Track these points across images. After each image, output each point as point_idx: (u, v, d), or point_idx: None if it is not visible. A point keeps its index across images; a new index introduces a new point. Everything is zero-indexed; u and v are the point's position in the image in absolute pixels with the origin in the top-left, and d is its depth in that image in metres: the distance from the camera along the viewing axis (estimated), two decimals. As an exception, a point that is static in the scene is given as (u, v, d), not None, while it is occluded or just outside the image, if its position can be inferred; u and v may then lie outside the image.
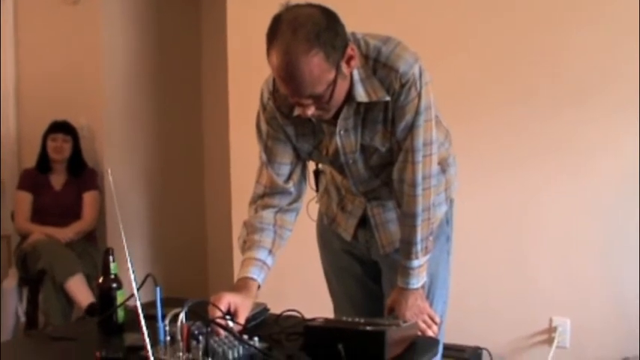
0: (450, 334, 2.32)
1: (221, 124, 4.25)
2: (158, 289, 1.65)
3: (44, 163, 4.54)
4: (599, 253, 3.18)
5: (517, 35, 3.27)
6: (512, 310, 3.31)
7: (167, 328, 1.66)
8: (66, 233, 4.34)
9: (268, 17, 1.76)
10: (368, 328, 1.70)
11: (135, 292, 1.60)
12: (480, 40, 3.34)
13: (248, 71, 2.71)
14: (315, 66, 1.69)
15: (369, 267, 2.27)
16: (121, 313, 1.99)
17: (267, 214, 2.03)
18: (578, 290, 3.20)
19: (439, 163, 2.10)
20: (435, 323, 2.06)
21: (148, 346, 1.51)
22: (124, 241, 1.62)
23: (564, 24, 3.17)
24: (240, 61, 3.93)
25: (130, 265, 1.60)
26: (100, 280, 2.00)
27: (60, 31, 4.82)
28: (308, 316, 1.99)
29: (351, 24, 1.84)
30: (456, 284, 2.32)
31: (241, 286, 1.90)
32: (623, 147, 3.09)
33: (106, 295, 2.00)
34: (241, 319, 1.79)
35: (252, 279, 1.91)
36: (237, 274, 1.97)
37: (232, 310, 1.79)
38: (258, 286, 1.93)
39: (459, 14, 3.38)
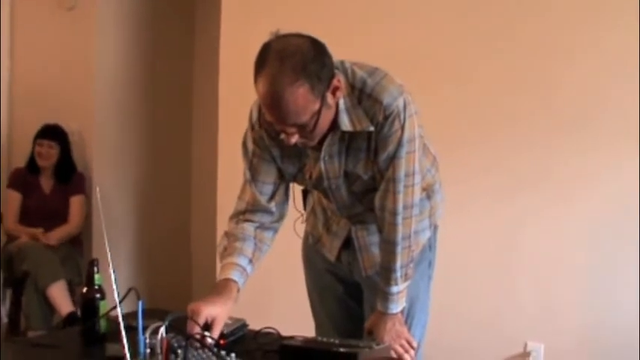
0: (428, 358, 2.34)
1: (211, 133, 4.27)
2: (140, 302, 1.69)
3: (33, 164, 4.57)
4: (578, 280, 3.22)
5: (508, 62, 3.29)
6: (489, 333, 3.34)
7: (147, 340, 1.69)
8: (51, 238, 4.37)
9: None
10: (341, 349, 1.75)
11: (118, 305, 1.64)
12: (470, 67, 3.37)
13: (239, 81, 2.73)
14: (300, 96, 1.73)
15: (351, 288, 2.30)
16: (103, 324, 2.02)
17: (248, 227, 2.06)
18: (555, 316, 3.24)
19: (425, 189, 2.14)
20: (413, 348, 2.09)
21: (128, 358, 1.55)
22: (109, 254, 1.66)
23: (556, 53, 3.20)
24: (232, 71, 3.94)
25: (113, 279, 1.64)
26: (84, 291, 2.03)
27: (55, 35, 4.86)
28: (289, 333, 2.03)
29: (341, 53, 1.89)
30: (436, 308, 2.36)
31: (222, 286, 1.93)
32: (608, 178, 3.12)
33: (89, 306, 2.02)
34: (215, 333, 1.83)
35: (233, 280, 1.94)
36: (217, 278, 1.99)
37: (209, 322, 1.83)
38: (238, 290, 1.95)
39: (450, 41, 3.40)
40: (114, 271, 1.64)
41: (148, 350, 1.69)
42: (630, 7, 3.02)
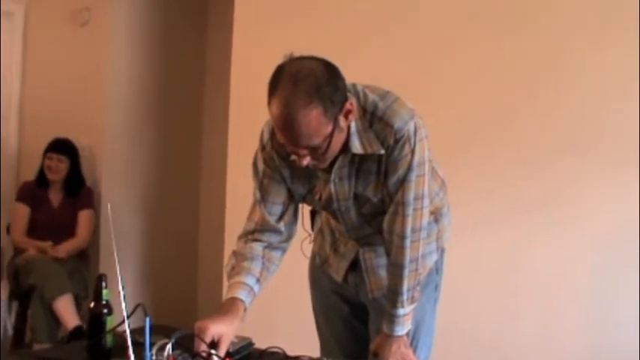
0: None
1: (220, 151, 4.29)
2: (147, 319, 1.69)
3: (43, 178, 4.59)
4: (581, 303, 3.21)
5: (513, 84, 3.29)
6: (493, 356, 3.32)
7: (154, 357, 1.70)
8: (61, 251, 4.38)
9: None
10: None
11: (126, 321, 1.65)
12: (476, 90, 3.37)
13: (250, 99, 2.76)
14: (313, 119, 1.74)
15: (357, 309, 2.30)
16: (109, 339, 2.02)
17: (257, 246, 2.07)
18: (558, 339, 3.22)
19: (432, 213, 2.14)
20: (417, 370, 2.10)
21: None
22: (119, 271, 1.67)
23: (561, 76, 3.20)
24: (243, 89, 3.97)
25: (122, 295, 1.65)
26: (92, 305, 2.04)
27: (68, 51, 4.89)
28: (295, 353, 2.03)
29: (353, 75, 1.90)
30: (441, 331, 2.36)
31: (229, 305, 1.93)
32: (611, 201, 3.11)
33: (96, 321, 2.02)
34: (222, 351, 1.83)
35: (240, 300, 1.95)
36: (224, 297, 2.00)
37: (216, 340, 1.83)
38: (245, 309, 1.95)
39: (455, 65, 3.41)
40: (123, 288, 1.65)
41: (155, 367, 1.70)
42: (634, 29, 3.02)
